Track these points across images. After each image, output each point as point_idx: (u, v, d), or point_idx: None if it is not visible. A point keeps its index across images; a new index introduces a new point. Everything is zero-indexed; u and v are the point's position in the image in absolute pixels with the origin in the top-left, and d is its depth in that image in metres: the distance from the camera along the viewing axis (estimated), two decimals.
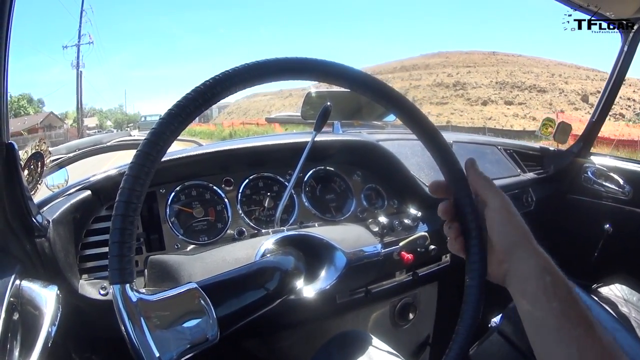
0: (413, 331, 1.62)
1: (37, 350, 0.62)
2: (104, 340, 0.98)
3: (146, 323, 0.47)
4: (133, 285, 0.47)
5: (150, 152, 0.47)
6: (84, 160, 1.43)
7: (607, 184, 1.83)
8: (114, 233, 0.45)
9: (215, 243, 1.08)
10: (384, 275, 1.26)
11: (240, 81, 0.50)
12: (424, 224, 1.27)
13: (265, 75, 0.52)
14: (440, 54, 43.90)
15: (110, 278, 0.46)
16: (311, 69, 0.56)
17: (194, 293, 0.54)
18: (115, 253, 0.45)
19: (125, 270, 0.46)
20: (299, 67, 0.54)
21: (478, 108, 31.69)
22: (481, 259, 0.60)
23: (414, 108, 0.59)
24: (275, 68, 0.52)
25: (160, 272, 0.89)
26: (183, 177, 1.13)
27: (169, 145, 0.49)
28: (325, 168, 1.31)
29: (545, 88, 30.77)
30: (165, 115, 0.48)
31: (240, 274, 0.64)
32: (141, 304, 0.47)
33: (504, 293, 0.62)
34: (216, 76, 0.50)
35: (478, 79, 35.54)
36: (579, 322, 0.55)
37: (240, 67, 0.51)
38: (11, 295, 0.65)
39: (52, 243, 0.81)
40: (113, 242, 0.45)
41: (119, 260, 0.45)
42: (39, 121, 35.55)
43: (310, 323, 1.30)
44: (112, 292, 0.46)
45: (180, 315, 0.52)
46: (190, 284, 0.55)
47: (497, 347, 1.25)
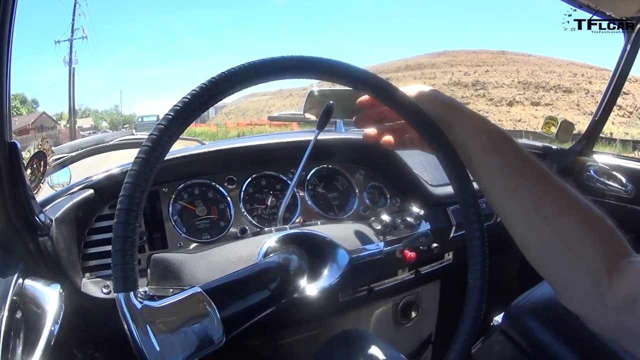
0: (415, 329, 1.62)
1: (39, 349, 0.62)
2: (106, 338, 0.98)
3: (151, 329, 0.47)
4: (137, 293, 0.47)
5: (150, 159, 0.47)
6: (87, 159, 1.43)
7: (610, 183, 1.82)
8: (116, 241, 0.45)
9: (218, 241, 1.08)
10: (386, 274, 1.26)
11: (245, 79, 0.51)
12: (426, 222, 1.27)
13: (266, 74, 0.52)
14: (447, 52, 42.96)
15: (114, 286, 0.46)
16: (311, 68, 0.56)
17: (198, 297, 0.54)
18: (117, 262, 0.45)
19: (129, 278, 0.46)
20: (297, 65, 0.54)
21: (504, 109, 30.86)
22: (483, 259, 0.60)
23: (416, 107, 0.59)
24: (269, 68, 0.52)
25: (163, 271, 0.89)
26: (186, 175, 1.13)
27: (169, 148, 0.49)
28: (328, 166, 1.31)
29: (570, 88, 29.80)
30: (166, 114, 0.48)
31: (243, 276, 0.64)
32: (146, 310, 0.47)
33: (507, 292, 0.63)
34: (220, 74, 0.50)
35: (498, 79, 34.56)
36: (526, 173, 0.56)
37: (258, 61, 0.52)
38: (14, 293, 0.65)
39: (55, 242, 0.81)
40: (115, 251, 0.45)
41: (122, 268, 0.45)
42: (31, 122, 34.87)
43: (312, 321, 1.30)
44: (117, 300, 0.46)
45: (186, 319, 0.51)
46: (194, 288, 0.55)
47: (500, 346, 1.25)
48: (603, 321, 0.53)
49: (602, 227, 0.54)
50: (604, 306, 0.51)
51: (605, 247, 0.52)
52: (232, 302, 0.59)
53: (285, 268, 0.73)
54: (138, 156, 0.47)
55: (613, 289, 0.50)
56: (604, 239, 0.53)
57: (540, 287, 1.25)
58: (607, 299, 0.50)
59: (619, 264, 0.51)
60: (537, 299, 1.22)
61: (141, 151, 0.47)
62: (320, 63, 0.55)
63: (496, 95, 32.95)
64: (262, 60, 0.52)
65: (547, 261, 0.57)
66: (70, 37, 31.93)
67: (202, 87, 0.49)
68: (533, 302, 1.22)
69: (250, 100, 55.98)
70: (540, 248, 0.56)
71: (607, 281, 0.50)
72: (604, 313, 0.52)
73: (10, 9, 0.64)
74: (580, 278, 0.53)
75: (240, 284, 0.63)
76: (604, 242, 0.53)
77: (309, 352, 1.03)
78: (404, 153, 1.35)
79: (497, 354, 1.25)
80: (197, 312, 0.53)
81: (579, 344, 1.08)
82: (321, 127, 0.77)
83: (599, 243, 0.53)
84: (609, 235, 0.54)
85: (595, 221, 0.54)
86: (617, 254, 0.52)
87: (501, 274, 1.76)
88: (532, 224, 0.56)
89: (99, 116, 62.31)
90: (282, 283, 0.69)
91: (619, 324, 0.51)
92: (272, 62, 0.52)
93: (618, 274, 0.50)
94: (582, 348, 1.07)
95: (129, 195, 0.46)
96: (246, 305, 0.61)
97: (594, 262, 0.52)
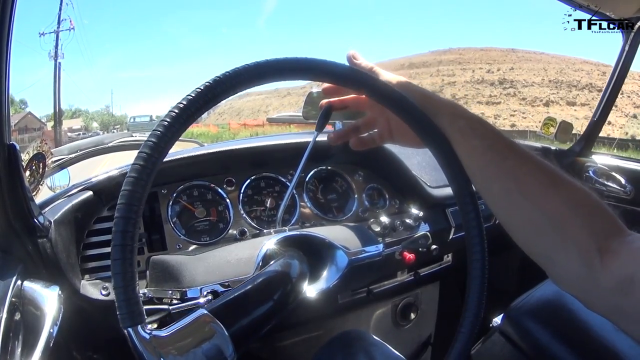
0: (414, 331, 1.62)
1: (38, 350, 0.62)
2: (105, 340, 0.98)
3: (164, 356, 0.47)
4: (145, 326, 0.47)
5: (141, 177, 0.46)
6: (86, 161, 1.43)
7: (609, 184, 1.82)
8: (117, 278, 0.45)
9: (217, 243, 1.08)
10: (385, 275, 1.26)
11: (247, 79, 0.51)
12: (425, 223, 1.27)
13: (265, 76, 0.52)
14: (452, 50, 42.05)
15: (121, 322, 0.46)
16: (306, 69, 0.56)
17: (204, 319, 0.54)
18: (121, 298, 0.45)
19: (134, 312, 0.46)
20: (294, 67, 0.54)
21: (542, 109, 29.72)
22: (482, 261, 0.60)
23: (413, 106, 0.59)
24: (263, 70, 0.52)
25: (162, 273, 0.89)
26: (185, 177, 1.13)
27: (166, 153, 0.49)
28: (327, 168, 1.31)
29: (602, 88, 27.44)
30: (162, 120, 0.48)
31: (246, 290, 0.64)
32: (155, 340, 0.48)
33: (506, 293, 0.63)
34: (217, 76, 0.50)
35: (526, 77, 33.52)
36: (507, 155, 0.56)
37: (261, 61, 0.52)
38: (13, 295, 0.65)
39: (54, 243, 0.81)
40: (117, 288, 0.45)
41: (126, 304, 0.45)
42: (14, 123, 33.14)
43: (312, 323, 1.30)
44: (127, 334, 0.46)
45: (196, 342, 0.52)
46: (200, 310, 0.55)
47: (499, 347, 1.25)
48: (598, 302, 0.52)
49: (590, 205, 0.53)
50: (598, 287, 0.50)
51: (594, 226, 0.51)
52: (239, 318, 0.59)
53: (287, 275, 0.72)
54: (133, 166, 0.47)
55: (606, 269, 0.49)
56: (593, 217, 0.52)
57: (540, 288, 1.26)
58: (600, 281, 0.49)
59: (610, 243, 0.50)
60: (536, 300, 1.23)
61: (138, 158, 0.47)
62: (315, 64, 0.55)
63: (528, 94, 31.97)
64: (258, 62, 0.52)
65: (534, 243, 0.56)
66: (56, 29, 29.79)
67: (199, 91, 0.49)
68: (532, 303, 1.23)
69: (245, 100, 55.46)
70: (526, 230, 0.56)
71: (599, 262, 0.49)
72: (598, 294, 0.51)
73: (10, 9, 0.64)
74: (570, 260, 0.52)
75: (244, 299, 0.62)
76: (593, 220, 0.52)
77: (309, 354, 1.03)
78: (403, 154, 1.35)
79: (497, 355, 1.25)
80: (206, 334, 0.53)
81: (578, 344, 1.08)
82: (320, 129, 0.77)
83: (587, 222, 0.52)
84: (599, 214, 0.53)
85: (582, 200, 0.53)
86: (608, 233, 0.51)
87: (500, 275, 1.76)
88: (516, 205, 0.55)
89: (90, 117, 60.44)
90: (285, 291, 0.68)
91: (615, 305, 0.49)
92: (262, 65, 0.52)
93: (611, 254, 0.49)
94: (582, 349, 1.07)
95: (122, 231, 0.45)
96: (252, 319, 0.61)
97: (583, 242, 0.51)
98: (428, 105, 0.60)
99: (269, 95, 52.79)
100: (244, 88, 0.52)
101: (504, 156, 0.56)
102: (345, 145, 1.14)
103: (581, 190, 0.54)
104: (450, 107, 0.60)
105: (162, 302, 0.85)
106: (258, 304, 0.63)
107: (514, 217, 0.57)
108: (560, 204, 0.52)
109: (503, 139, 0.57)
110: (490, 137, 0.57)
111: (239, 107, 53.91)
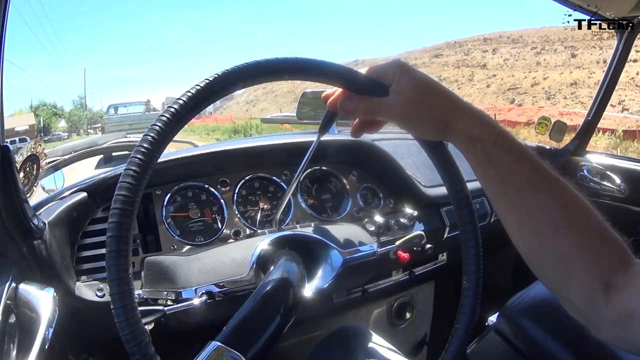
0: (410, 330, 1.62)
1: (34, 353, 0.62)
2: (100, 341, 0.98)
3: None
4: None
5: (134, 182, 0.46)
6: (80, 162, 1.43)
7: (603, 182, 1.83)
8: (117, 312, 0.45)
9: (211, 244, 1.08)
10: (380, 275, 1.26)
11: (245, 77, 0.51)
12: (420, 223, 1.27)
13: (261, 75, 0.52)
14: (449, 43, 39.50)
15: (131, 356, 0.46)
16: (303, 69, 0.56)
17: (219, 351, 0.54)
18: (126, 332, 0.45)
19: (148, 354, 0.46)
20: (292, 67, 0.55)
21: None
22: (477, 260, 0.61)
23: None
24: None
25: (157, 274, 0.89)
26: (179, 178, 1.13)
27: (158, 158, 0.49)
28: (321, 168, 1.31)
29: None
30: (153, 125, 0.48)
31: (253, 310, 0.63)
32: None
33: (501, 292, 0.63)
34: (215, 74, 0.51)
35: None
36: (521, 187, 0.54)
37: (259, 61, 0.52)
38: (7, 297, 0.65)
39: (48, 245, 0.81)
40: (120, 321, 0.45)
41: (137, 346, 0.45)
42: None
43: (306, 323, 1.30)
44: None
45: None
46: (213, 343, 0.55)
47: (494, 346, 1.25)
48: (602, 331, 0.53)
49: (599, 243, 0.53)
50: (602, 320, 0.52)
51: (601, 265, 0.52)
52: (251, 341, 0.59)
53: (289, 284, 0.70)
54: (126, 171, 0.47)
55: (609, 305, 0.50)
56: (601, 256, 0.52)
57: (535, 287, 1.26)
58: (603, 314, 0.51)
59: (616, 280, 0.50)
60: (531, 299, 1.23)
61: (130, 163, 0.47)
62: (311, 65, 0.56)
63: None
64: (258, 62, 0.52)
65: (542, 275, 0.57)
66: None
67: (197, 88, 0.49)
68: (527, 301, 1.23)
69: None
70: (535, 262, 0.56)
71: (603, 300, 0.50)
72: (602, 325, 0.52)
73: (2, 12, 0.64)
74: (576, 297, 0.53)
75: (252, 320, 0.61)
76: (601, 260, 0.52)
77: (304, 354, 1.03)
78: (398, 154, 1.35)
79: (492, 353, 1.26)
80: None
81: (573, 343, 1.09)
82: (323, 130, 0.75)
83: (594, 262, 0.52)
84: (608, 249, 0.52)
85: (593, 238, 0.53)
86: (614, 270, 0.51)
87: (495, 274, 1.77)
88: (526, 239, 0.55)
89: (54, 113, 43.23)
90: (289, 303, 0.67)
91: (616, 335, 0.51)
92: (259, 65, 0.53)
93: (615, 291, 0.50)
94: (577, 347, 1.08)
95: (117, 277, 0.45)
96: (264, 338, 0.60)
97: (588, 283, 0.51)
98: (445, 131, 0.57)
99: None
100: (235, 89, 0.52)
101: (519, 188, 0.54)
102: (339, 145, 1.14)
103: (594, 223, 0.53)
104: (468, 129, 0.56)
105: (157, 303, 0.85)
106: (267, 323, 0.62)
107: (524, 247, 0.56)
108: (569, 245, 0.52)
109: (521, 167, 0.54)
110: (507, 165, 0.54)
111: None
